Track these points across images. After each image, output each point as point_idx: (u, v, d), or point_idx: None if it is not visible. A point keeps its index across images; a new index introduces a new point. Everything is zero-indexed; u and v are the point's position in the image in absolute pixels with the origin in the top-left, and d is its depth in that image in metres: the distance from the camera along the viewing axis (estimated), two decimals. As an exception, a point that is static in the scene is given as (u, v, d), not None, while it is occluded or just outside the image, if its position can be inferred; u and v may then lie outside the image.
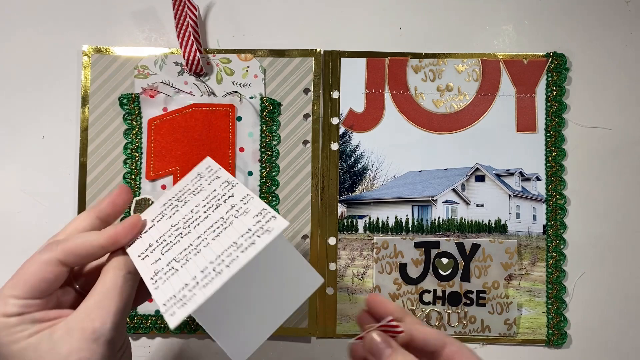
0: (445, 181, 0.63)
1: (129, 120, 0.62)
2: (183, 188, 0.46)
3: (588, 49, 0.64)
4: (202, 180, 0.45)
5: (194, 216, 0.42)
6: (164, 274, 0.38)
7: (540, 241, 0.62)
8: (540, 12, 0.65)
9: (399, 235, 0.63)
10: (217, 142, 0.62)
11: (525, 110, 0.63)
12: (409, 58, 0.64)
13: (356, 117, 0.63)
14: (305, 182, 0.63)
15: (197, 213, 0.42)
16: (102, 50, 0.63)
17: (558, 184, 0.63)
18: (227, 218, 0.40)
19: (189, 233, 0.40)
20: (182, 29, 0.61)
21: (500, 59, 0.63)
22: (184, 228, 0.41)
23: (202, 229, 0.40)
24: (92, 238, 0.39)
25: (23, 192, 0.63)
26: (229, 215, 0.40)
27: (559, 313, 0.62)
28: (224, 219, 0.40)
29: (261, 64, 0.63)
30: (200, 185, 0.45)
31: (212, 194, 0.43)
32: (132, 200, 0.42)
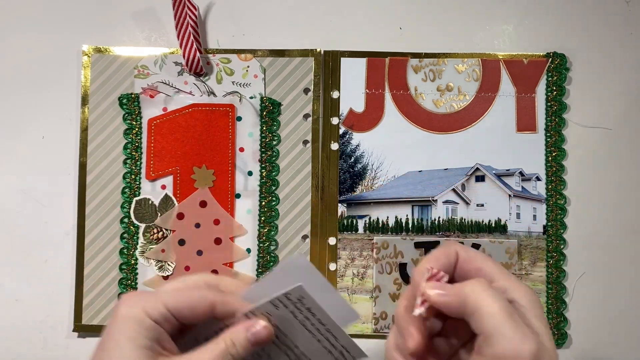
0: (445, 181, 0.63)
1: (129, 120, 0.62)
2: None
3: (588, 49, 0.64)
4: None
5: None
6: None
7: (540, 241, 0.62)
8: (540, 12, 0.65)
9: (399, 235, 0.63)
10: (217, 142, 0.62)
11: (525, 110, 0.63)
12: (409, 58, 0.64)
13: (356, 117, 0.63)
14: (305, 182, 0.63)
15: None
16: (102, 50, 0.63)
17: (558, 184, 0.63)
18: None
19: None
20: (182, 29, 0.61)
21: (500, 59, 0.63)
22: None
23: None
24: (245, 304, 0.39)
25: (23, 192, 0.63)
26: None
27: (559, 313, 0.62)
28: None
29: (261, 64, 0.63)
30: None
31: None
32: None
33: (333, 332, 0.39)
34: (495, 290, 0.35)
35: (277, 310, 0.38)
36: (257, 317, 0.39)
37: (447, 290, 0.36)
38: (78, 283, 0.62)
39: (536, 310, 0.36)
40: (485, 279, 0.37)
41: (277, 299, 0.38)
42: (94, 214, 0.62)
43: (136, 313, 0.36)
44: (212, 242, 0.62)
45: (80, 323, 0.61)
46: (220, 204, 0.62)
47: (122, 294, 0.38)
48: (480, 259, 0.38)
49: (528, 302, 0.36)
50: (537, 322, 0.35)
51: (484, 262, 0.38)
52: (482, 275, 0.37)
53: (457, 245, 0.39)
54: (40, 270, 0.62)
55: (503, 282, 0.37)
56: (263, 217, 0.62)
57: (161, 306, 0.36)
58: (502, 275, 0.37)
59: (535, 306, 0.36)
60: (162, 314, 0.36)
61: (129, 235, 0.62)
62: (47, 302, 0.62)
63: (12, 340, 0.62)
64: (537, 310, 0.36)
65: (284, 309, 0.38)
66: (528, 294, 0.36)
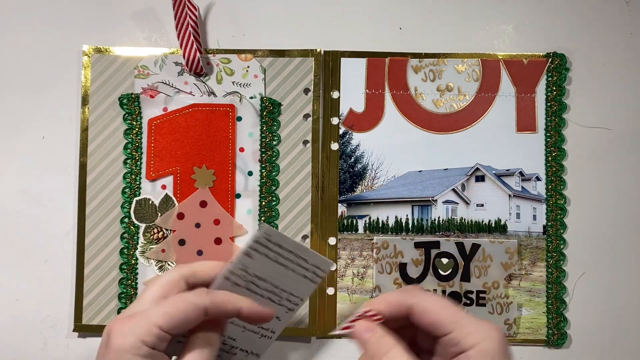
0: (445, 181, 0.63)
1: (129, 120, 0.62)
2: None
3: (588, 49, 0.64)
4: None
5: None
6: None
7: (540, 241, 0.62)
8: (540, 12, 0.65)
9: (399, 235, 0.63)
10: (217, 142, 0.62)
11: (525, 110, 0.63)
12: (409, 58, 0.64)
13: (356, 117, 0.63)
14: (305, 182, 0.63)
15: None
16: (102, 50, 0.63)
17: (558, 184, 0.63)
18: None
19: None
20: (182, 29, 0.61)
21: (500, 59, 0.63)
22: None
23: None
24: (238, 302, 0.39)
25: (23, 192, 0.63)
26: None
27: (559, 313, 0.62)
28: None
29: (261, 64, 0.63)
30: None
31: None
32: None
33: (303, 255, 0.42)
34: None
35: (252, 260, 0.41)
36: (237, 275, 0.41)
37: (371, 329, 0.38)
38: (78, 283, 0.62)
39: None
40: (439, 332, 0.37)
41: (249, 247, 0.41)
42: (94, 214, 0.62)
43: (132, 344, 0.35)
44: (212, 242, 0.62)
45: (80, 323, 0.61)
46: (221, 204, 0.62)
47: (110, 322, 0.37)
48: (435, 311, 0.37)
49: (478, 355, 0.35)
50: None
51: (440, 315, 0.37)
52: (437, 328, 0.37)
53: (416, 297, 0.38)
54: (40, 270, 0.62)
55: (458, 332, 0.36)
56: (263, 217, 0.62)
57: (155, 329, 0.36)
58: (459, 325, 0.36)
59: (486, 356, 0.35)
60: (158, 336, 0.36)
61: (129, 235, 0.62)
62: (47, 302, 0.62)
63: (12, 340, 0.62)
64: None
65: (258, 255, 0.41)
66: (484, 344, 0.35)
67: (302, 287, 0.44)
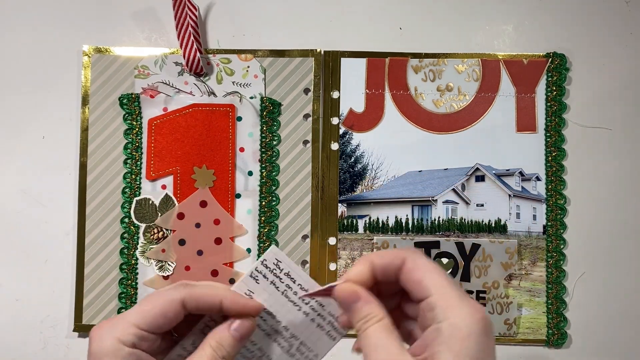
0: (445, 181, 0.63)
1: (129, 120, 0.62)
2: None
3: (588, 49, 0.64)
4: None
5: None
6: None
7: (540, 241, 0.62)
8: (540, 12, 0.65)
9: (399, 235, 0.63)
10: (217, 142, 0.62)
11: (525, 110, 0.63)
12: (409, 58, 0.64)
13: (356, 117, 0.63)
14: (305, 182, 0.63)
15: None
16: (102, 50, 0.63)
17: (558, 184, 0.63)
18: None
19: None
20: (182, 29, 0.61)
21: (500, 59, 0.63)
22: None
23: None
24: (219, 293, 0.38)
25: (23, 192, 0.63)
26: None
27: (559, 313, 0.62)
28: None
29: (261, 64, 0.63)
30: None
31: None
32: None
33: (318, 299, 0.38)
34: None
35: (257, 284, 0.38)
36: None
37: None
38: (78, 283, 0.62)
39: (453, 341, 0.32)
40: (421, 292, 0.35)
41: (256, 269, 0.38)
42: (94, 214, 0.62)
43: (109, 346, 0.35)
44: (213, 242, 0.62)
45: (81, 323, 0.61)
46: (221, 204, 0.62)
47: (92, 328, 0.37)
48: (425, 271, 0.35)
49: (449, 329, 0.32)
50: (446, 352, 0.31)
51: (427, 275, 0.35)
52: (422, 287, 0.35)
53: (411, 253, 0.37)
54: (40, 270, 0.62)
55: (436, 298, 0.34)
56: (263, 217, 0.62)
57: (132, 328, 0.36)
58: (440, 291, 0.34)
59: (456, 336, 0.32)
60: (137, 335, 0.36)
61: (129, 235, 0.62)
62: (47, 302, 0.62)
63: (12, 340, 0.62)
64: (455, 341, 0.32)
65: (265, 281, 0.38)
66: (458, 319, 0.32)
67: (318, 340, 0.40)
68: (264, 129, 0.63)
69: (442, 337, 0.32)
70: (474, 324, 0.32)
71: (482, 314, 0.33)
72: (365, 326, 0.35)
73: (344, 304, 0.37)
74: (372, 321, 0.36)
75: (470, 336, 0.32)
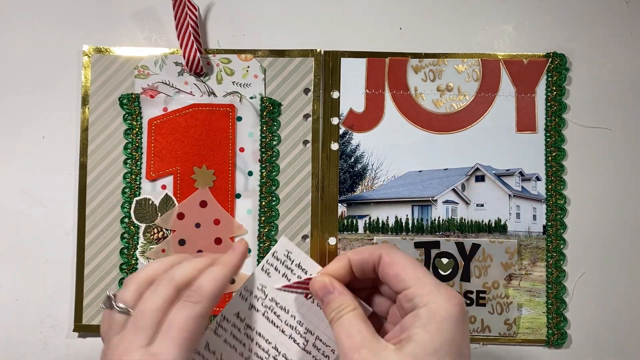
0: (445, 181, 0.63)
1: (129, 120, 0.62)
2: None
3: (588, 49, 0.64)
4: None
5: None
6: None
7: (540, 241, 0.62)
8: (540, 12, 0.65)
9: (399, 235, 0.63)
10: (217, 142, 0.62)
11: (525, 110, 0.63)
12: (409, 58, 0.64)
13: (356, 117, 0.63)
14: (305, 182, 0.63)
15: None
16: (102, 50, 0.63)
17: (558, 184, 0.63)
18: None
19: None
20: (182, 29, 0.61)
21: (500, 59, 0.63)
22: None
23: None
24: (222, 274, 0.38)
25: (23, 192, 0.63)
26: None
27: (559, 313, 0.62)
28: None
29: (261, 64, 0.63)
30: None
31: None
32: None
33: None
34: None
35: (270, 278, 0.38)
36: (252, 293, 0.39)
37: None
38: (78, 283, 0.62)
39: (430, 324, 0.34)
40: (399, 285, 0.37)
41: (266, 262, 0.38)
42: (94, 214, 0.62)
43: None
44: (213, 242, 0.62)
45: (81, 323, 0.61)
46: (221, 204, 0.62)
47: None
48: (402, 265, 0.37)
49: (427, 313, 0.34)
50: (422, 333, 0.33)
51: (404, 268, 0.37)
52: (399, 280, 0.37)
53: (387, 248, 0.39)
54: (40, 270, 0.62)
55: (415, 289, 0.36)
56: (263, 217, 0.62)
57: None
58: (418, 282, 0.36)
59: (433, 319, 0.34)
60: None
61: (129, 235, 0.62)
62: (47, 302, 0.62)
63: (12, 340, 0.62)
64: (432, 324, 0.34)
65: (276, 274, 0.38)
66: (435, 305, 0.34)
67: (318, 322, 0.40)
68: (264, 129, 0.63)
69: (420, 321, 0.34)
70: (451, 307, 0.34)
71: (459, 299, 0.35)
72: (338, 315, 0.37)
73: (319, 295, 0.38)
74: (346, 310, 0.37)
75: (447, 319, 0.34)
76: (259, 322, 0.39)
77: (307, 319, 0.39)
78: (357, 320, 0.36)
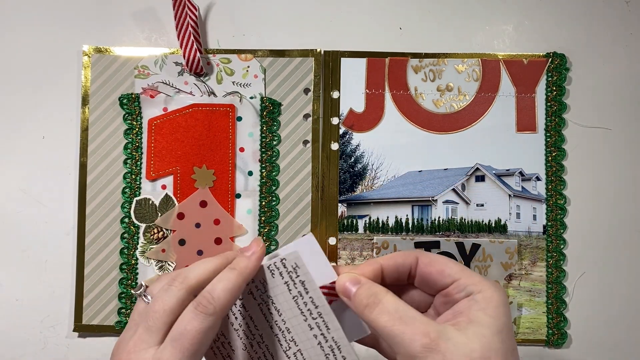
0: (445, 181, 0.63)
1: (129, 120, 0.62)
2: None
3: (588, 49, 0.64)
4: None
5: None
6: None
7: (540, 241, 0.62)
8: (540, 12, 0.65)
9: (399, 235, 0.63)
10: (217, 142, 0.62)
11: (525, 110, 0.63)
12: (409, 58, 0.64)
13: (356, 117, 0.63)
14: (305, 182, 0.63)
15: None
16: (102, 50, 0.63)
17: (558, 184, 0.63)
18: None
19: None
20: (182, 29, 0.61)
21: (500, 59, 0.63)
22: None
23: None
24: (237, 284, 0.37)
25: (23, 192, 0.63)
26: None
27: (559, 313, 0.62)
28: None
29: (261, 64, 0.63)
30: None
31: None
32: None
33: (325, 318, 0.37)
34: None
35: (273, 278, 0.38)
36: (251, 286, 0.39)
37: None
38: (78, 283, 0.62)
39: (489, 308, 0.35)
40: (447, 279, 0.38)
41: (274, 263, 0.38)
42: (94, 214, 0.62)
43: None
44: (213, 242, 0.62)
45: (81, 323, 0.61)
46: (221, 204, 0.62)
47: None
48: (443, 262, 0.39)
49: (484, 299, 0.36)
50: (483, 315, 0.35)
51: (447, 264, 0.38)
52: (445, 275, 0.38)
53: (420, 252, 0.40)
54: (40, 270, 0.62)
55: (465, 279, 0.37)
56: (263, 217, 0.62)
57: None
58: (465, 274, 0.38)
59: (490, 304, 0.36)
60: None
61: (129, 235, 0.62)
62: (47, 302, 0.62)
63: (12, 340, 0.62)
64: (490, 308, 0.35)
65: (279, 278, 0.38)
66: (490, 292, 0.36)
67: (316, 356, 0.38)
68: (264, 129, 0.63)
69: (478, 305, 0.36)
70: (501, 296, 0.36)
71: (504, 289, 0.40)
72: (376, 299, 0.36)
73: (346, 292, 0.37)
74: (382, 294, 0.36)
75: (502, 305, 0.36)
76: (254, 309, 0.39)
77: (296, 332, 0.39)
78: (399, 301, 0.36)
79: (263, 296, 0.39)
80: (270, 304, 0.39)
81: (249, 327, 0.40)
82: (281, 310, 0.39)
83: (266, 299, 0.38)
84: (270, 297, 0.39)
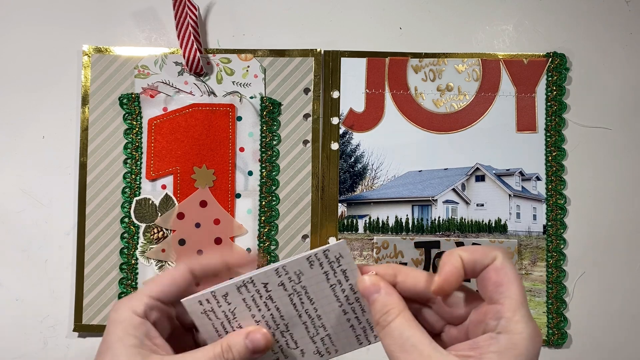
0: (445, 181, 0.63)
1: (129, 120, 0.62)
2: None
3: (588, 49, 0.64)
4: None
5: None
6: None
7: (540, 241, 0.62)
8: (540, 12, 0.65)
9: (399, 235, 0.63)
10: (217, 142, 0.62)
11: (525, 110, 0.63)
12: (409, 58, 0.64)
13: (356, 117, 0.63)
14: (305, 182, 0.63)
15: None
16: (102, 50, 0.63)
17: (558, 184, 0.63)
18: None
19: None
20: (182, 29, 0.61)
21: (500, 59, 0.63)
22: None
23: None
24: (221, 253, 0.40)
25: (23, 192, 0.63)
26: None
27: (559, 313, 0.62)
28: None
29: (261, 64, 0.63)
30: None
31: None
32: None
33: (362, 302, 0.39)
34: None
35: (311, 269, 0.38)
36: (287, 274, 0.38)
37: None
38: (78, 283, 0.62)
39: (506, 355, 0.32)
40: (494, 296, 0.35)
41: (314, 254, 0.38)
42: (94, 214, 0.62)
43: (123, 315, 0.37)
44: (213, 242, 0.62)
45: (81, 323, 0.61)
46: (221, 203, 0.62)
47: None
48: (509, 277, 0.35)
49: (507, 342, 0.33)
50: (495, 359, 0.32)
51: (510, 283, 0.35)
52: (495, 291, 0.35)
53: (503, 253, 0.36)
54: (40, 270, 0.62)
55: (507, 310, 0.34)
56: (263, 217, 0.62)
57: (145, 298, 0.37)
58: (513, 304, 0.34)
59: (510, 352, 0.32)
60: (148, 305, 0.37)
61: (129, 235, 0.62)
62: (47, 302, 0.62)
63: (13, 340, 0.62)
64: (508, 356, 0.32)
65: (318, 268, 0.38)
66: (518, 337, 0.33)
67: (345, 339, 0.39)
68: (264, 129, 0.63)
69: (497, 346, 0.32)
70: (530, 346, 0.33)
71: (540, 338, 0.34)
72: (385, 321, 0.35)
73: (365, 294, 0.37)
74: (393, 314, 0.35)
75: (524, 356, 0.32)
76: (282, 300, 0.39)
77: (328, 318, 0.39)
78: (409, 327, 0.34)
79: (296, 287, 0.39)
80: (303, 294, 0.39)
81: (274, 318, 0.40)
82: (315, 299, 0.39)
83: (299, 289, 0.39)
84: (304, 287, 0.39)
